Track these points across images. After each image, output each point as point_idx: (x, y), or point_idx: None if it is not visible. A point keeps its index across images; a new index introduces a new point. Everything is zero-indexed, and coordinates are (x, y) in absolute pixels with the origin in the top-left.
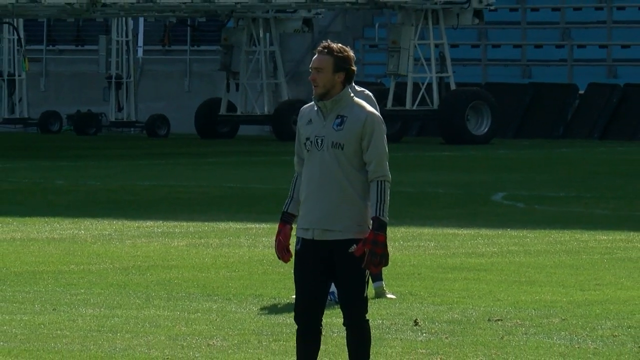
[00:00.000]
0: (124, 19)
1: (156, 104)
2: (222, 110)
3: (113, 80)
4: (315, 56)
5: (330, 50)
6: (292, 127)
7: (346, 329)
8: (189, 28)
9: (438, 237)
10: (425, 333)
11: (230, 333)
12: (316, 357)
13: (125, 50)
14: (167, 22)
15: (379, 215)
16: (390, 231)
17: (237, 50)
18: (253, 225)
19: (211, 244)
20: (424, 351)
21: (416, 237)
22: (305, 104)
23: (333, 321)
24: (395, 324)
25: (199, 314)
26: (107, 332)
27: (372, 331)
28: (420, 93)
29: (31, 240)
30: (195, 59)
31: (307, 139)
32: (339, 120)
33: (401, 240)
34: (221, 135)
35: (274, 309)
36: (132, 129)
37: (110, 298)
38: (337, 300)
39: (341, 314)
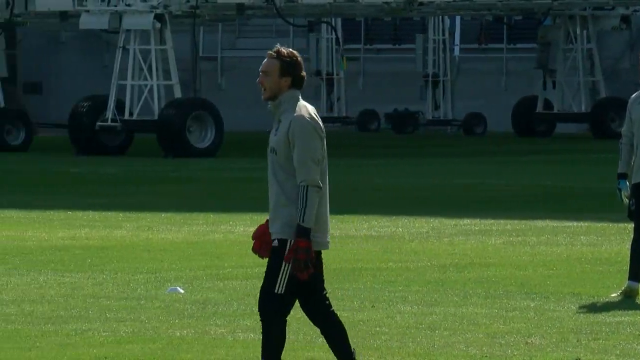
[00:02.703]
0: (440, 17)
1: (473, 102)
2: (539, 108)
3: (430, 78)
4: (265, 60)
5: (278, 55)
6: (610, 125)
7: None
8: (505, 26)
9: None
10: None
11: (548, 331)
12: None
13: (442, 48)
14: (483, 20)
15: (300, 221)
16: None
17: (554, 48)
18: (571, 224)
19: (528, 242)
20: None
21: None
22: (622, 101)
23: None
24: None
25: (517, 312)
26: (426, 329)
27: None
28: None
29: (350, 238)
30: (511, 57)
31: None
32: (277, 126)
33: None
34: (538, 133)
35: (592, 308)
36: (448, 128)
37: (428, 295)
38: None
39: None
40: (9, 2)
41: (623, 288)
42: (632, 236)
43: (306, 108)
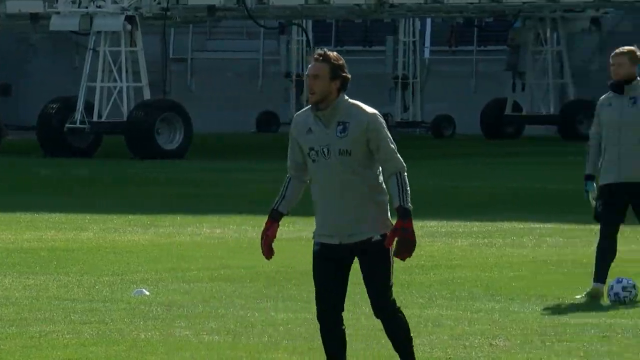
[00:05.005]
0: (411, 19)
1: (442, 104)
2: (508, 110)
3: (399, 80)
4: (312, 64)
5: (326, 58)
6: (578, 127)
7: (382, 321)
8: (475, 28)
9: None
10: None
11: (512, 333)
12: (344, 354)
13: (412, 50)
14: (454, 22)
15: (403, 204)
16: None
17: (524, 50)
18: (537, 225)
19: (495, 244)
20: None
21: None
22: (590, 103)
23: (614, 322)
24: None
25: (482, 314)
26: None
27: None
28: None
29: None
30: (481, 59)
31: (312, 149)
32: (341, 127)
33: None
34: (506, 135)
35: (557, 309)
36: (417, 129)
37: (395, 297)
38: (621, 300)
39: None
40: None
41: (588, 290)
42: (598, 238)
43: (361, 104)
